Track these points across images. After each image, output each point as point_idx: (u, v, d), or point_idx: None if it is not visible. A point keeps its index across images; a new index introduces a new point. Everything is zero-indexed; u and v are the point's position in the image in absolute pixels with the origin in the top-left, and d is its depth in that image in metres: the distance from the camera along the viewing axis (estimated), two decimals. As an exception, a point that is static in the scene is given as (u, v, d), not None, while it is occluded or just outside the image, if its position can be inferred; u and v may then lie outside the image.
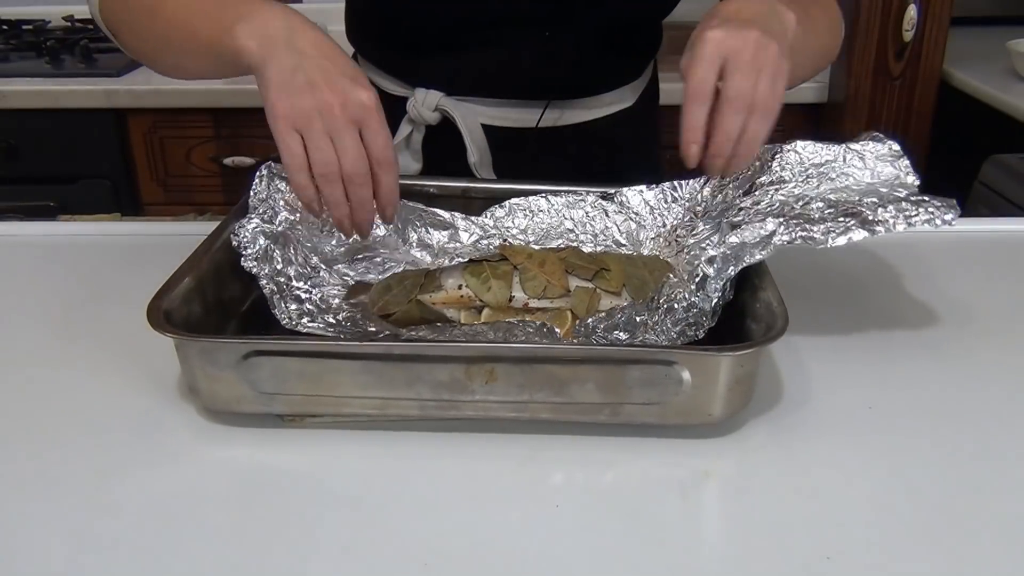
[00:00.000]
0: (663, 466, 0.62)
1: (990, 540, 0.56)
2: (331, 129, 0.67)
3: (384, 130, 0.69)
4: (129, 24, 0.81)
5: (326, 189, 0.68)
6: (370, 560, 0.54)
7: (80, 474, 0.61)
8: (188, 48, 0.76)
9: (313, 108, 0.66)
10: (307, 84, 0.67)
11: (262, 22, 0.70)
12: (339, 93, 0.67)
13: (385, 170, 0.69)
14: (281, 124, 0.67)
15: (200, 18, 0.73)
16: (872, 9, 1.68)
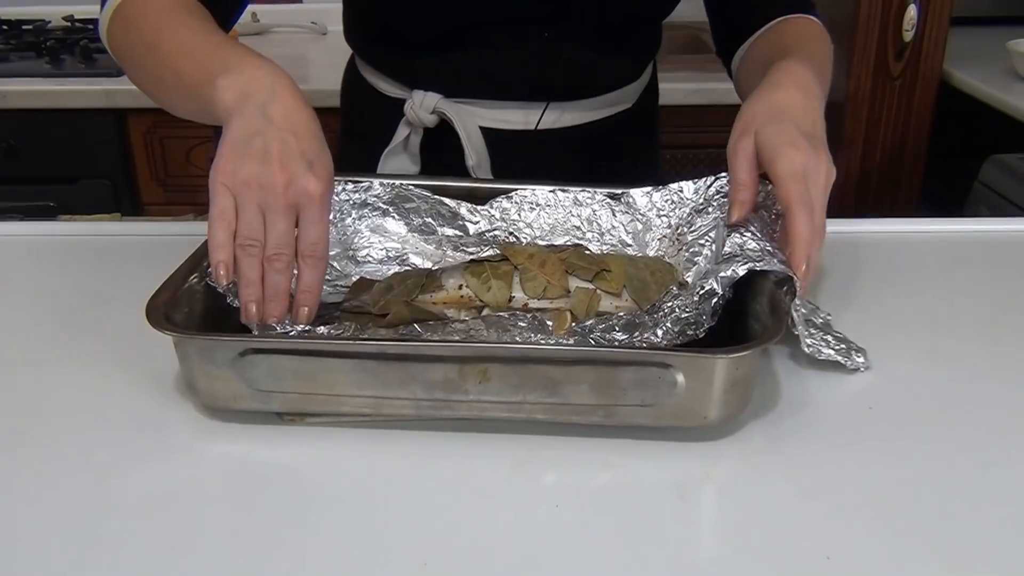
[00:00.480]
0: (662, 468, 0.62)
1: (990, 540, 0.56)
2: (267, 205, 0.64)
3: (322, 224, 0.66)
4: (130, 57, 0.82)
5: (243, 263, 0.65)
6: (368, 558, 0.54)
7: (79, 471, 0.62)
8: (175, 89, 0.76)
9: (256, 178, 0.64)
10: (261, 152, 0.65)
11: (246, 78, 0.68)
12: (288, 172, 0.64)
13: (310, 265, 0.66)
14: (219, 182, 0.65)
15: (190, 62, 0.73)
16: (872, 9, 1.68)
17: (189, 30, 0.76)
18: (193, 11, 0.80)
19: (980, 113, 1.74)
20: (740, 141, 0.73)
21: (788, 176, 0.69)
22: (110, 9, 0.82)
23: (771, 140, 0.71)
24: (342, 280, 0.80)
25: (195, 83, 0.71)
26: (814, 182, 0.70)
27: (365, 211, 0.84)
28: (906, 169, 1.82)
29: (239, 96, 0.68)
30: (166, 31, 0.77)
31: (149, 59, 0.79)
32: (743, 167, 0.72)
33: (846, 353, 0.72)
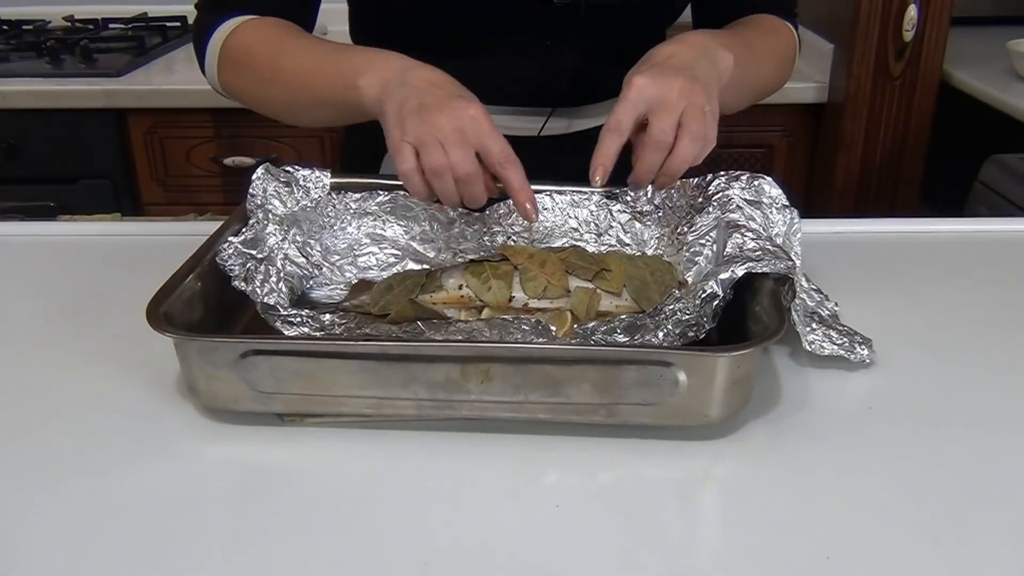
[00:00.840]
0: (663, 467, 0.62)
1: (990, 540, 0.56)
2: (443, 140, 0.71)
3: (497, 135, 0.72)
4: (253, 93, 0.89)
5: (438, 189, 0.72)
6: (369, 559, 0.54)
7: (79, 471, 0.62)
8: (313, 105, 0.84)
9: (424, 126, 0.71)
10: (417, 108, 0.72)
11: (379, 70, 0.77)
12: (447, 110, 0.71)
13: (509, 169, 0.72)
14: (396, 143, 0.72)
15: (318, 78, 0.81)
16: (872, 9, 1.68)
17: (304, 50, 0.84)
18: (295, 33, 0.87)
19: (980, 113, 1.74)
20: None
21: (618, 102, 0.75)
22: (214, 59, 0.88)
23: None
24: (342, 284, 0.80)
25: (335, 94, 0.80)
26: (658, 102, 0.74)
27: (365, 220, 0.84)
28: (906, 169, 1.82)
29: (380, 86, 0.76)
30: (283, 58, 0.84)
31: (275, 86, 0.85)
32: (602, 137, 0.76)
33: (849, 347, 0.72)
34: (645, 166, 0.75)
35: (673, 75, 0.75)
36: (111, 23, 2.16)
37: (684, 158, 0.75)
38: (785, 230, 0.79)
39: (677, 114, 0.74)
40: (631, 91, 0.75)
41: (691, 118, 0.74)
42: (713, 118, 0.76)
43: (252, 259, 0.72)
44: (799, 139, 1.86)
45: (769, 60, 0.95)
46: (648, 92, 0.74)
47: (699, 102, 0.74)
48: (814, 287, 0.79)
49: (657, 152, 0.75)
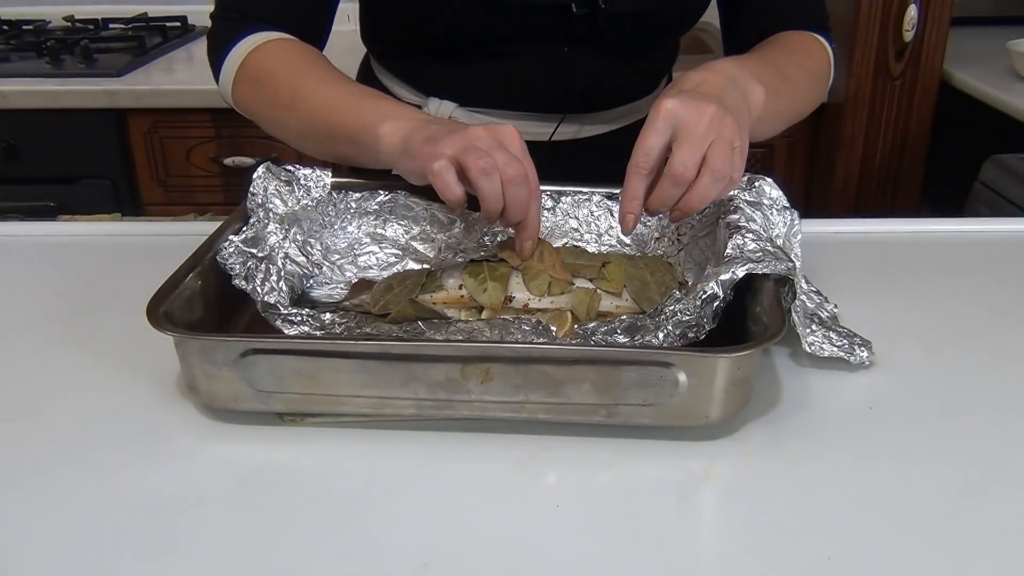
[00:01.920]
0: (662, 467, 0.62)
1: (990, 540, 0.56)
2: (486, 148, 0.69)
3: (528, 158, 0.71)
4: (267, 115, 0.88)
5: (483, 184, 0.68)
6: (369, 559, 0.54)
7: (80, 471, 0.62)
8: (326, 140, 0.83)
9: (463, 139, 0.69)
10: (449, 132, 0.71)
11: (403, 120, 0.76)
12: (482, 127, 0.70)
13: (532, 197, 0.71)
14: (429, 155, 0.70)
15: (338, 115, 0.80)
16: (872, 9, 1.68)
17: (328, 84, 0.83)
18: (320, 64, 0.86)
19: (980, 113, 1.74)
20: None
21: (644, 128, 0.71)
22: (231, 73, 0.87)
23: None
24: (343, 283, 0.80)
25: (351, 132, 0.79)
26: (686, 129, 0.69)
27: (366, 219, 0.84)
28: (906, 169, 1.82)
29: (403, 133, 0.74)
30: (305, 88, 0.83)
31: (292, 116, 0.84)
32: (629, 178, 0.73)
33: (849, 349, 0.72)
34: (659, 200, 0.71)
35: (704, 102, 0.70)
36: (111, 23, 2.16)
37: (703, 197, 0.70)
38: (785, 231, 0.79)
39: (703, 147, 0.69)
40: (659, 117, 0.70)
41: (717, 154, 0.69)
42: (741, 155, 0.71)
43: (253, 258, 0.72)
44: (799, 139, 1.86)
45: (801, 85, 0.91)
46: (675, 117, 0.70)
47: (728, 136, 0.70)
48: (814, 289, 0.79)
49: (675, 187, 0.70)
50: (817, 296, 0.78)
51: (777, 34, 0.94)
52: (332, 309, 0.74)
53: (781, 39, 0.94)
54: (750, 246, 0.70)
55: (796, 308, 0.72)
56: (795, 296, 0.70)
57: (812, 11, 0.98)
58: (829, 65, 0.97)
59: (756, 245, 0.70)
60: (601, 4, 0.88)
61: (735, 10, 0.99)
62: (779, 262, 0.68)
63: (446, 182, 0.69)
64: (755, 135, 0.79)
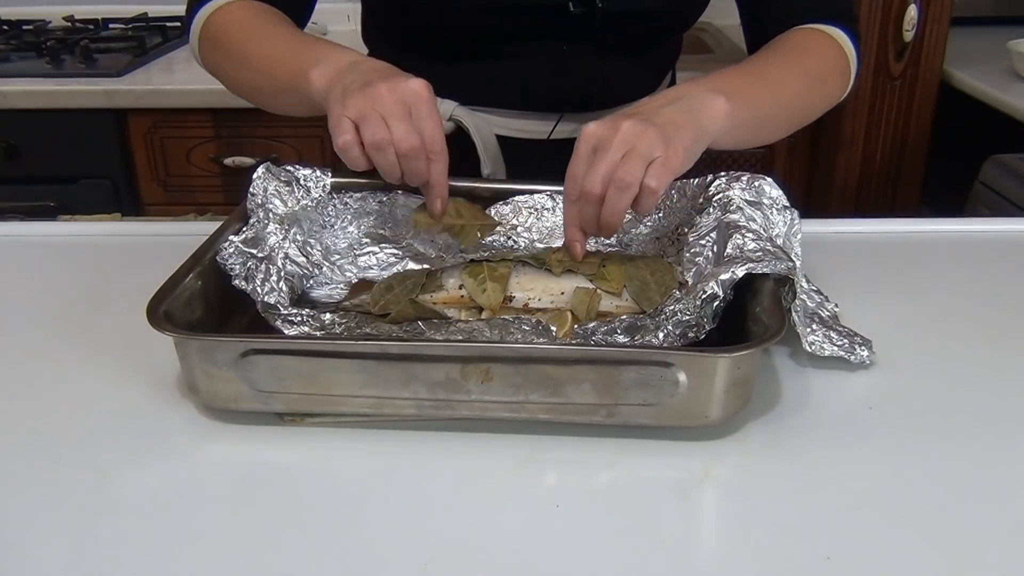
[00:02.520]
0: (662, 467, 0.62)
1: (990, 540, 0.56)
2: (384, 113, 0.70)
3: (434, 120, 0.71)
4: (224, 72, 0.91)
5: (378, 161, 0.71)
6: (369, 559, 0.54)
7: (80, 472, 0.62)
8: (274, 92, 0.85)
9: (365, 98, 0.70)
10: (362, 84, 0.72)
11: (332, 63, 0.77)
12: (390, 83, 0.71)
13: (432, 160, 0.72)
14: (334, 116, 0.71)
15: (280, 66, 0.82)
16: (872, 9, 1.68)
17: (274, 37, 0.85)
18: (272, 20, 0.87)
19: (980, 113, 1.74)
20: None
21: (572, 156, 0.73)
22: (196, 34, 0.90)
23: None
24: (342, 284, 0.80)
25: (290, 82, 0.80)
26: (601, 147, 0.71)
27: (366, 219, 0.84)
28: (906, 169, 1.82)
29: (329, 77, 0.76)
30: (253, 43, 0.86)
31: (244, 70, 0.87)
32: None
33: (849, 348, 0.72)
34: (582, 220, 0.73)
35: (621, 120, 0.71)
36: (111, 23, 2.16)
37: (614, 210, 0.70)
38: (785, 231, 0.79)
39: (614, 162, 0.70)
40: (580, 142, 0.72)
41: (624, 166, 0.69)
42: (662, 166, 0.70)
43: (253, 258, 0.72)
44: (799, 139, 1.86)
45: (794, 84, 0.89)
46: (594, 138, 0.71)
47: (645, 148, 0.69)
48: (814, 288, 0.79)
49: (588, 206, 0.71)
50: (818, 295, 0.78)
51: (778, 36, 0.93)
52: (332, 309, 0.74)
53: (778, 42, 0.92)
54: (750, 246, 0.70)
55: (796, 308, 0.72)
56: (795, 296, 0.71)
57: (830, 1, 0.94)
58: (842, 58, 0.93)
59: (756, 245, 0.70)
60: (598, 3, 0.88)
61: (752, 4, 0.98)
62: (779, 262, 0.68)
63: (351, 160, 0.72)
64: (741, 142, 0.79)
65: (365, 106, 0.70)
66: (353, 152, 0.71)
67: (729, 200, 0.78)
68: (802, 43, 0.92)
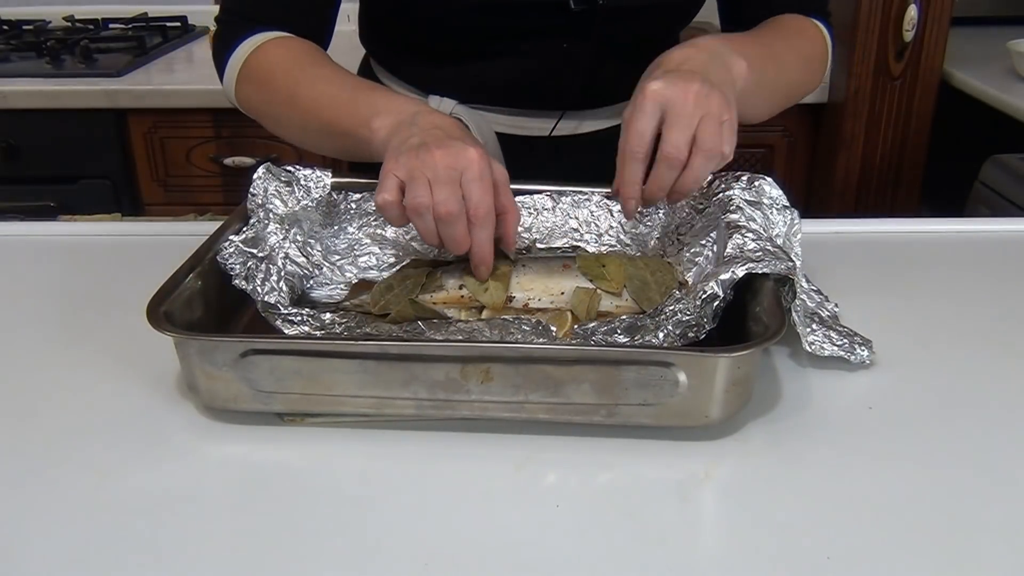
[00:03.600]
0: (662, 467, 0.62)
1: (990, 540, 0.56)
2: (432, 178, 0.69)
3: (483, 183, 0.69)
4: (269, 114, 0.89)
5: (416, 222, 0.70)
6: (369, 559, 0.54)
7: (79, 472, 0.62)
8: (325, 136, 0.84)
9: (417, 160, 0.69)
10: (417, 144, 0.70)
11: (395, 113, 0.76)
12: (444, 149, 0.69)
13: (476, 226, 0.70)
14: (385, 173, 0.70)
15: (335, 110, 0.81)
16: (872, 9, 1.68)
17: (325, 81, 0.83)
18: (317, 59, 0.87)
19: (980, 113, 1.74)
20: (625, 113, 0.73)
21: (624, 122, 0.72)
22: (233, 73, 0.88)
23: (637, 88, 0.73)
24: (343, 284, 0.80)
25: (347, 128, 0.79)
26: (674, 109, 0.70)
27: (366, 220, 0.84)
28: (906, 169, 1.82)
29: (391, 128, 0.75)
30: (302, 86, 0.84)
31: (292, 113, 0.85)
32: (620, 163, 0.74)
33: (849, 348, 0.72)
34: (656, 184, 0.72)
35: (688, 80, 0.71)
36: (111, 23, 2.16)
37: (697, 177, 0.71)
38: (785, 231, 0.79)
39: (693, 126, 0.70)
40: (646, 99, 0.71)
41: (707, 132, 0.70)
42: (731, 129, 0.72)
43: (253, 258, 0.72)
44: (799, 139, 1.86)
45: (792, 63, 0.91)
46: (663, 98, 0.70)
47: (716, 112, 0.70)
48: (814, 288, 0.79)
49: (670, 170, 0.71)
50: (817, 295, 0.78)
51: (771, 17, 0.95)
52: (332, 309, 0.74)
53: (774, 22, 0.94)
54: (750, 246, 0.70)
55: (796, 307, 0.72)
56: (795, 295, 0.71)
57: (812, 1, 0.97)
58: (825, 49, 0.96)
59: (756, 245, 0.70)
60: (599, 0, 0.88)
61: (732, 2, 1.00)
62: (779, 262, 0.68)
63: (388, 218, 0.71)
64: (742, 111, 0.79)
65: (415, 167, 0.69)
66: (391, 212, 0.70)
67: (729, 200, 0.78)
68: (796, 27, 0.94)
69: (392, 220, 0.71)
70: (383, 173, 0.71)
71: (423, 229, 0.70)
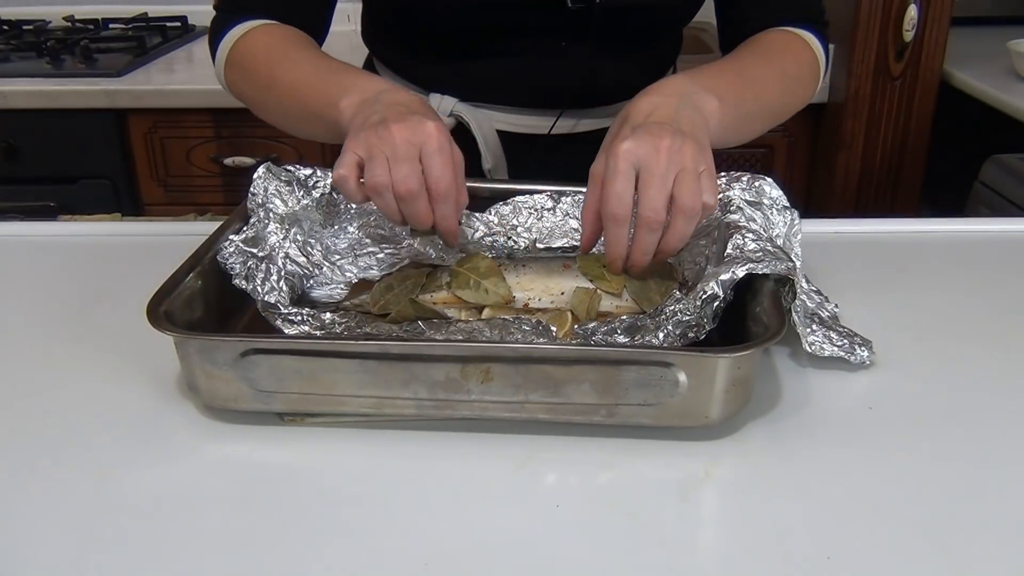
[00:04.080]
0: (662, 467, 0.62)
1: (990, 540, 0.56)
2: (391, 156, 0.68)
3: (443, 158, 0.69)
4: (252, 96, 0.90)
5: (376, 201, 0.70)
6: (369, 559, 0.54)
7: (81, 471, 0.62)
8: (303, 119, 0.84)
9: (376, 137, 0.69)
10: (377, 121, 0.70)
11: (360, 92, 0.76)
12: (403, 125, 0.69)
13: (438, 201, 0.70)
14: (342, 152, 0.70)
15: (308, 92, 0.82)
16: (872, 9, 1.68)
17: (303, 63, 0.84)
18: (299, 44, 0.87)
19: (980, 113, 1.74)
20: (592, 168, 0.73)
21: (596, 178, 0.71)
22: (223, 58, 0.90)
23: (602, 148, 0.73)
24: (343, 284, 0.80)
25: (319, 109, 0.80)
26: (647, 169, 0.68)
27: (367, 220, 0.84)
28: (906, 169, 1.82)
29: (357, 105, 0.75)
30: (280, 69, 0.85)
31: (271, 96, 0.86)
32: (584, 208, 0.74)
33: (849, 349, 0.72)
34: (640, 249, 0.71)
35: (659, 135, 0.69)
36: (111, 23, 2.16)
37: (681, 237, 0.70)
38: (785, 231, 0.79)
39: (669, 185, 0.68)
40: (619, 160, 0.69)
41: (684, 190, 0.68)
42: (709, 178, 0.70)
43: (253, 257, 0.72)
44: (799, 139, 1.86)
45: (773, 85, 0.89)
46: (635, 157, 0.69)
47: (691, 166, 0.68)
48: (814, 288, 0.79)
49: (651, 233, 0.69)
50: (817, 296, 0.78)
51: (751, 37, 0.93)
52: (332, 309, 0.74)
53: (753, 42, 0.92)
54: (750, 246, 0.70)
55: (796, 308, 0.72)
56: (795, 296, 0.71)
57: (805, 4, 0.96)
58: (815, 62, 0.94)
59: (756, 245, 0.70)
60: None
61: (727, 6, 0.99)
62: (779, 262, 0.68)
63: (346, 193, 0.71)
64: (724, 142, 0.78)
65: (374, 144, 0.69)
66: (347, 186, 0.70)
67: (729, 200, 0.78)
68: (779, 45, 0.92)
69: (349, 196, 0.71)
70: (343, 150, 0.71)
71: (384, 207, 0.70)
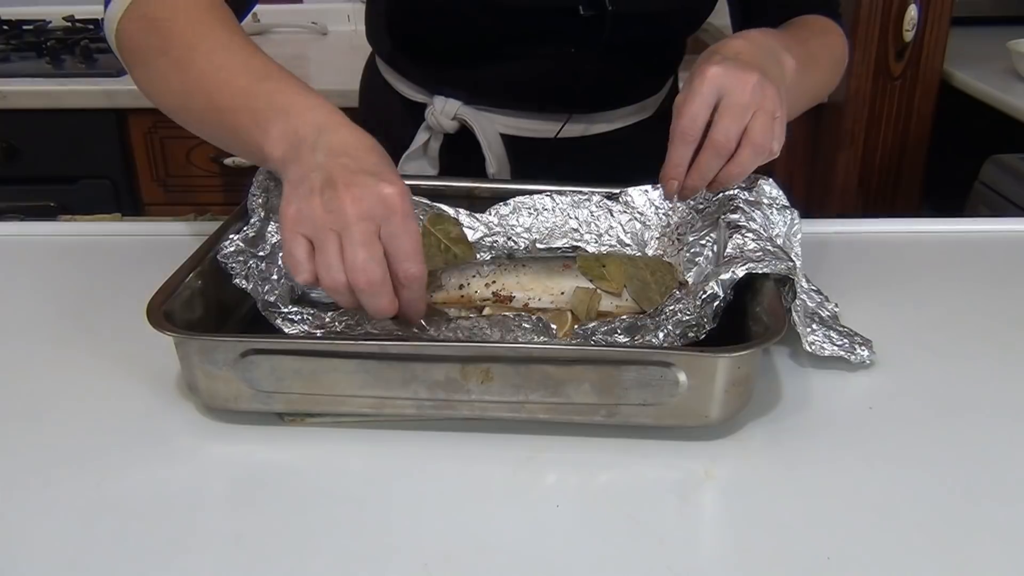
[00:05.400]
0: (662, 467, 0.62)
1: (990, 541, 0.56)
2: (343, 235, 0.59)
3: (407, 234, 0.60)
4: (146, 62, 0.75)
5: (338, 300, 0.62)
6: (369, 559, 0.54)
7: (79, 472, 0.61)
8: (208, 117, 0.72)
9: (323, 212, 0.59)
10: (322, 184, 0.60)
11: (295, 123, 0.64)
12: (354, 191, 0.59)
13: (405, 285, 0.61)
14: (287, 231, 0.61)
15: (232, 95, 0.68)
16: (872, 9, 1.68)
17: (230, 54, 0.70)
18: (226, 23, 0.73)
19: (980, 113, 1.74)
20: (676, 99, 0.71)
21: (678, 104, 0.69)
22: (122, 5, 0.75)
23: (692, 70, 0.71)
24: None
25: (241, 124, 0.68)
26: (730, 96, 0.68)
27: None
28: (906, 169, 1.82)
29: (291, 143, 0.64)
30: (200, 48, 0.71)
31: (175, 74, 0.73)
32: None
33: (850, 348, 0.72)
34: (700, 171, 0.70)
35: (747, 70, 0.68)
36: (111, 23, 2.16)
37: (743, 170, 0.69)
38: (785, 231, 0.79)
39: (746, 117, 0.68)
40: (704, 82, 0.68)
41: (758, 126, 0.68)
42: (781, 126, 0.70)
43: (253, 257, 0.72)
44: (799, 139, 1.86)
45: (825, 64, 0.90)
46: (721, 83, 0.68)
47: (770, 107, 0.69)
48: (814, 288, 0.79)
49: (716, 158, 0.69)
50: (818, 295, 0.78)
51: (797, 17, 0.93)
52: (332, 308, 0.74)
53: (802, 21, 0.93)
54: (750, 246, 0.70)
55: (796, 307, 0.72)
56: (795, 296, 0.71)
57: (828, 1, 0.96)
58: (845, 51, 0.95)
59: (756, 245, 0.70)
60: (608, 6, 0.88)
61: (747, 4, 0.99)
62: (779, 262, 0.68)
63: (303, 282, 0.62)
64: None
65: (321, 222, 0.59)
66: (304, 278, 0.61)
67: (729, 200, 0.78)
68: (823, 27, 0.93)
69: (307, 285, 0.62)
70: (283, 228, 0.61)
71: (343, 302, 0.62)
